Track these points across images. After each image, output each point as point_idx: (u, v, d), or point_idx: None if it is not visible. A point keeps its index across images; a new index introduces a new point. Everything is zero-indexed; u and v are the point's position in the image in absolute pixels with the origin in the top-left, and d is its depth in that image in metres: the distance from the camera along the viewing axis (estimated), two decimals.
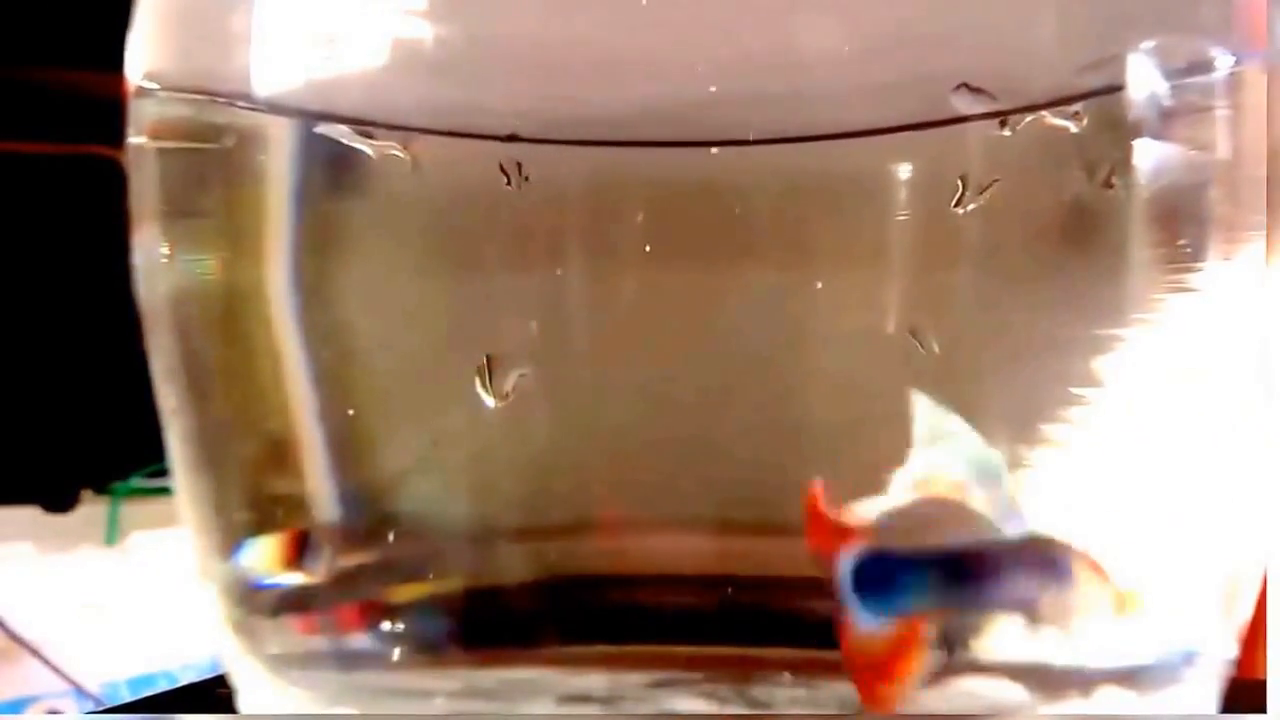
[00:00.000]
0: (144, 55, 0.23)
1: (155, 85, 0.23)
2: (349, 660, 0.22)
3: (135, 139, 0.23)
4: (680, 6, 0.21)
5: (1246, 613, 0.22)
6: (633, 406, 0.21)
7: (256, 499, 0.24)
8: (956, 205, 0.20)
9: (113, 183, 0.24)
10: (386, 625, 0.22)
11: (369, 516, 0.23)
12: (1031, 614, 0.18)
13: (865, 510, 0.18)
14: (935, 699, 0.21)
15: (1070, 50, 0.21)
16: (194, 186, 0.23)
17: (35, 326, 0.86)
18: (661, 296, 0.21)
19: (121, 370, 0.27)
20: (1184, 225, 0.21)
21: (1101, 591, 0.18)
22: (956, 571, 0.18)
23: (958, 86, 0.20)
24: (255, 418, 0.23)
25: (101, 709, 0.73)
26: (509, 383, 0.21)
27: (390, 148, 0.21)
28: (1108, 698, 0.21)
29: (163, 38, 0.23)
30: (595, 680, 0.21)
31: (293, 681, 0.23)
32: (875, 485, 0.21)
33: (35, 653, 0.80)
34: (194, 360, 0.23)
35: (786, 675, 0.21)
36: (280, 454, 0.23)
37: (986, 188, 0.20)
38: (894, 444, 0.21)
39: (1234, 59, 0.21)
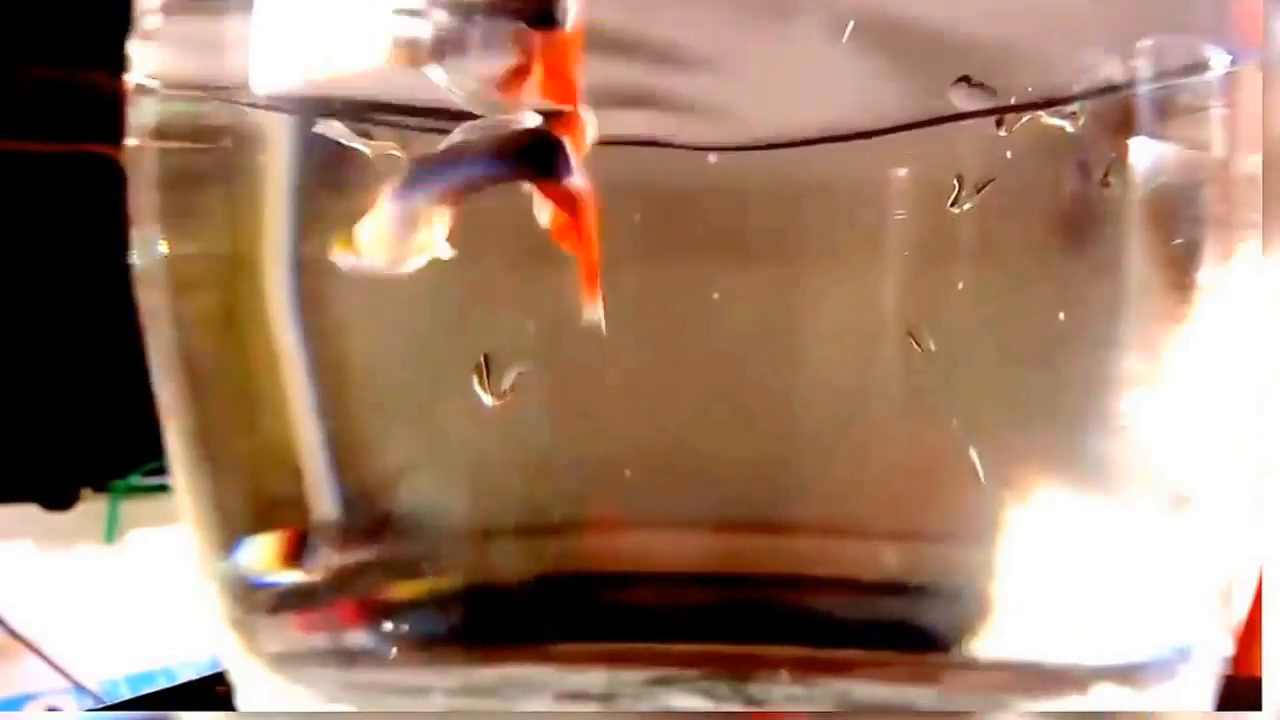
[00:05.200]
0: (144, 54, 0.23)
1: (155, 84, 0.23)
2: (348, 658, 0.22)
3: (135, 138, 0.23)
4: (678, 6, 0.21)
5: (1242, 610, 0.22)
6: (630, 405, 0.21)
7: (255, 497, 0.24)
8: (952, 205, 0.20)
9: (112, 182, 0.24)
10: (385, 623, 0.22)
11: (368, 514, 0.23)
12: None
13: None
14: (934, 696, 0.21)
15: (1067, 50, 0.21)
16: (193, 186, 0.23)
17: (35, 325, 0.86)
18: (658, 295, 0.21)
19: (121, 369, 0.27)
20: (1180, 224, 0.21)
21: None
22: None
23: (957, 81, 0.20)
24: (254, 416, 0.23)
25: (101, 706, 0.73)
26: (507, 381, 0.21)
27: (388, 146, 0.21)
28: (1104, 695, 0.21)
29: (162, 36, 0.23)
30: (593, 677, 0.21)
31: (291, 679, 0.23)
32: (874, 483, 0.22)
33: (35, 650, 0.80)
34: (192, 358, 0.23)
35: (784, 673, 0.21)
36: (279, 452, 0.23)
37: (982, 187, 0.20)
38: (892, 442, 0.22)
39: (1230, 58, 0.21)
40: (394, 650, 0.22)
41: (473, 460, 0.22)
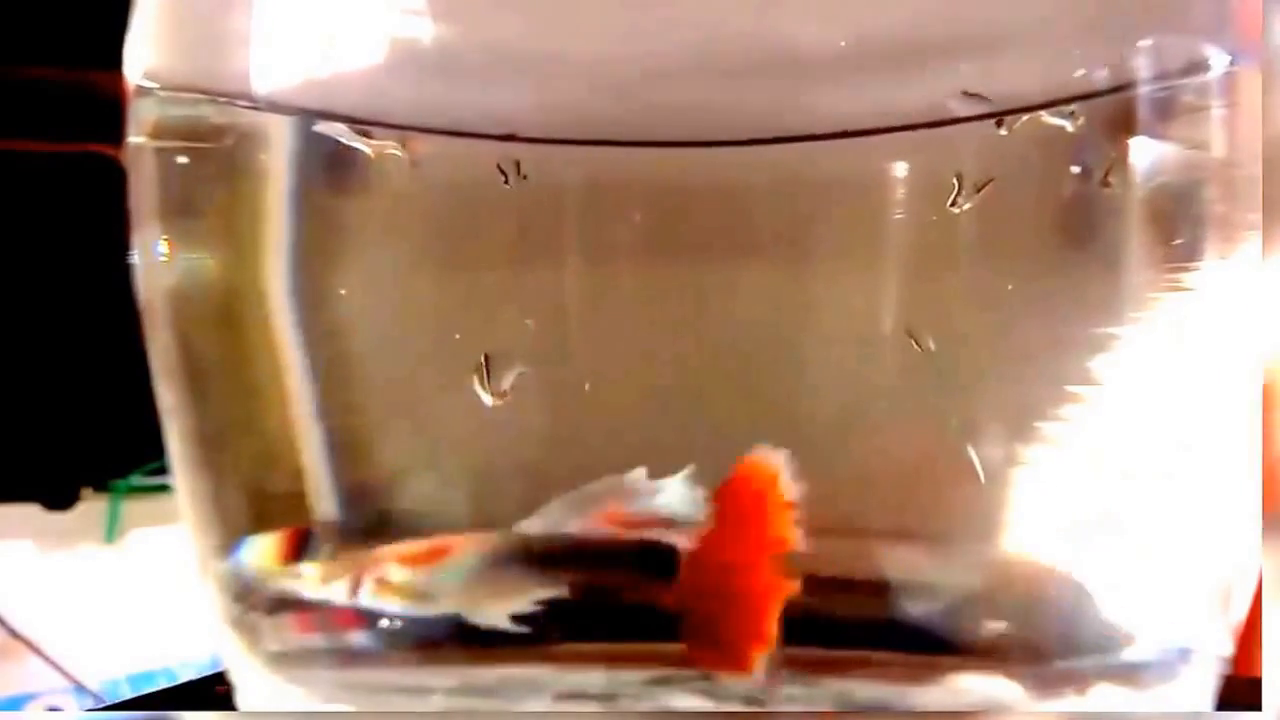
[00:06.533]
0: (144, 55, 0.23)
1: (155, 85, 0.23)
2: (347, 657, 0.22)
3: (135, 138, 0.23)
4: (679, 7, 0.21)
5: (1242, 610, 0.22)
6: (630, 405, 0.21)
7: (255, 497, 0.24)
8: (952, 204, 0.20)
9: (113, 182, 0.24)
10: (384, 622, 0.22)
11: (367, 514, 0.23)
12: None
13: None
14: (934, 696, 0.21)
15: (1067, 50, 0.21)
16: (194, 186, 0.23)
17: (35, 325, 0.86)
18: (659, 295, 0.21)
19: (121, 369, 0.27)
20: (1180, 224, 0.21)
21: None
22: None
23: (957, 93, 0.20)
24: (254, 416, 0.23)
25: (101, 706, 0.73)
26: (507, 381, 0.21)
27: (389, 146, 0.21)
28: (1104, 695, 0.21)
29: (162, 37, 0.23)
30: (593, 677, 0.21)
31: (291, 679, 0.23)
32: (874, 483, 0.22)
33: (36, 650, 0.80)
34: (193, 358, 0.23)
35: (784, 673, 0.21)
36: (279, 452, 0.23)
37: (982, 187, 0.20)
38: (891, 442, 0.21)
39: (1229, 59, 0.21)
40: (393, 650, 0.22)
41: (473, 460, 0.22)
